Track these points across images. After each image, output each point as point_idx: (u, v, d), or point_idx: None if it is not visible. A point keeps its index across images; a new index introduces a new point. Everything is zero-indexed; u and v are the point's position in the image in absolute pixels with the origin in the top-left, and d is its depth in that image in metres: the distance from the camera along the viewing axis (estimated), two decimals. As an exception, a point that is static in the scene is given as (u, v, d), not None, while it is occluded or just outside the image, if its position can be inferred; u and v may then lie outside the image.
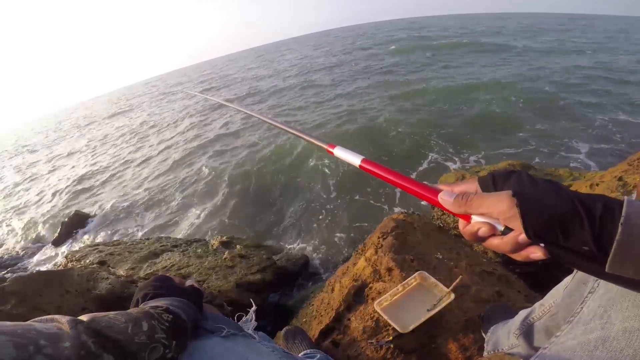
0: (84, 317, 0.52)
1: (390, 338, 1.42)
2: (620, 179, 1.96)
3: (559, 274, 1.86)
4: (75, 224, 6.06)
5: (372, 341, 1.44)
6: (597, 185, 2.04)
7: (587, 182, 2.18)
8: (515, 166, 2.51)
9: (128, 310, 0.61)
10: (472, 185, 0.54)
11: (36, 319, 0.50)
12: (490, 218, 0.48)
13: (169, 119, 15.18)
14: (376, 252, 1.85)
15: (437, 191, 0.54)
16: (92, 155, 12.12)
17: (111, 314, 0.56)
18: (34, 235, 6.33)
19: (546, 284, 1.86)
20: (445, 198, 0.52)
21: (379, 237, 1.95)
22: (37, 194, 9.10)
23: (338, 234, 4.08)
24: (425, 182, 0.56)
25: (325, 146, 0.77)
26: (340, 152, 0.72)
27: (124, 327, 0.54)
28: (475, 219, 0.50)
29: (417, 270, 1.59)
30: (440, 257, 1.78)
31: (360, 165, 0.66)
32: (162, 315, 0.61)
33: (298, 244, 4.07)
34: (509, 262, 2.15)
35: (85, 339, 0.47)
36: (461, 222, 0.53)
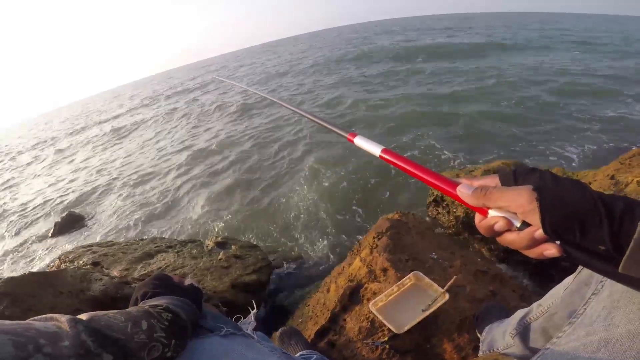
0: (84, 316, 0.52)
1: (386, 338, 1.42)
2: (612, 177, 1.99)
3: (554, 272, 1.89)
4: (68, 224, 6.00)
5: (368, 341, 1.44)
6: (590, 184, 2.07)
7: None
8: (509, 165, 2.53)
9: (127, 309, 0.61)
10: (492, 180, 0.54)
11: (35, 317, 0.50)
12: (508, 213, 0.48)
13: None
14: (371, 252, 1.85)
15: (456, 184, 0.54)
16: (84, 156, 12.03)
17: (110, 312, 0.56)
18: (26, 236, 6.26)
19: (541, 283, 1.89)
20: (463, 191, 0.52)
21: (374, 237, 1.95)
22: (27, 196, 9.01)
23: (334, 234, 4.08)
24: (444, 175, 0.56)
25: (345, 135, 0.77)
26: (360, 142, 0.72)
27: (124, 326, 0.54)
28: (492, 213, 0.50)
29: (412, 271, 1.60)
30: (435, 257, 1.79)
31: (380, 156, 0.66)
32: (161, 314, 0.61)
33: (294, 244, 4.06)
34: (503, 261, 2.17)
35: (84, 338, 0.47)
36: (477, 216, 0.53)
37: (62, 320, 0.49)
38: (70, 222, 6.05)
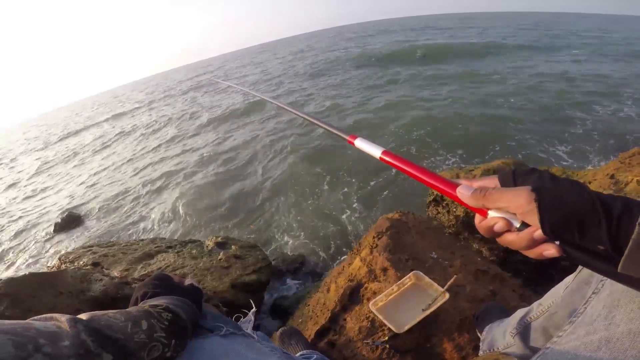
0: (84, 316, 0.52)
1: (386, 338, 1.42)
2: (612, 176, 1.98)
3: (553, 272, 1.89)
4: (68, 224, 6.00)
5: (368, 341, 1.44)
6: (590, 183, 2.06)
7: (579, 180, 2.18)
8: (508, 165, 2.53)
9: (127, 309, 0.60)
10: (492, 181, 0.54)
11: (35, 317, 0.50)
12: (507, 213, 0.48)
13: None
14: (371, 251, 1.85)
15: (456, 185, 0.54)
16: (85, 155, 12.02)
17: (110, 312, 0.56)
18: (26, 237, 6.25)
19: (541, 282, 1.89)
20: (463, 192, 0.53)
21: (374, 237, 1.95)
22: (27, 196, 9.01)
23: (334, 234, 4.09)
24: (443, 176, 0.57)
25: (346, 137, 0.77)
26: (361, 144, 0.72)
27: (123, 325, 0.54)
28: (492, 214, 0.50)
29: (412, 270, 1.60)
30: (435, 256, 1.79)
31: (380, 157, 0.66)
32: (161, 314, 0.61)
33: (294, 244, 4.07)
34: (503, 260, 2.17)
35: (84, 338, 0.47)
36: (477, 217, 0.53)
37: (62, 320, 0.49)
38: (70, 223, 6.05)
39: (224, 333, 0.72)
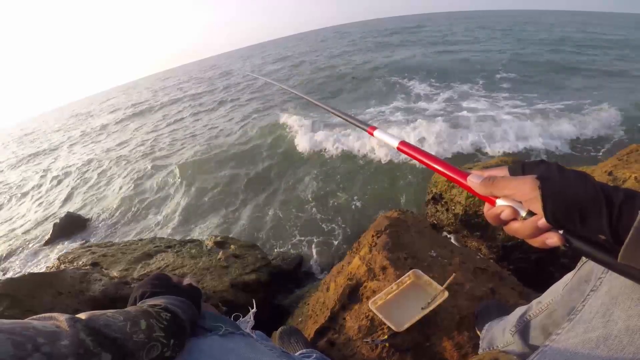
0: (82, 315, 0.52)
1: (386, 337, 1.42)
2: (610, 173, 1.99)
3: (553, 270, 1.89)
4: (67, 225, 5.98)
5: (368, 340, 1.44)
6: (588, 180, 2.06)
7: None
8: (507, 163, 2.53)
9: (126, 309, 0.60)
10: (501, 171, 0.55)
11: (34, 316, 0.50)
12: (514, 202, 0.50)
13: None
14: (370, 250, 1.85)
15: (467, 174, 0.56)
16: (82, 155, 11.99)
17: (109, 312, 0.56)
18: (25, 237, 6.24)
19: (540, 280, 1.89)
20: (473, 180, 0.54)
21: (373, 236, 1.95)
22: (28, 196, 8.99)
23: (333, 233, 4.09)
24: (457, 166, 0.59)
25: (366, 128, 0.81)
26: (380, 134, 0.76)
27: (122, 325, 0.53)
28: (499, 202, 0.52)
29: (411, 268, 1.60)
30: (434, 254, 1.79)
31: (397, 147, 0.70)
32: (160, 313, 0.61)
33: (293, 243, 4.07)
34: (502, 258, 2.17)
35: (83, 337, 0.47)
36: (486, 206, 0.55)
37: (61, 319, 0.49)
38: (69, 223, 6.03)
39: (222, 333, 0.72)
